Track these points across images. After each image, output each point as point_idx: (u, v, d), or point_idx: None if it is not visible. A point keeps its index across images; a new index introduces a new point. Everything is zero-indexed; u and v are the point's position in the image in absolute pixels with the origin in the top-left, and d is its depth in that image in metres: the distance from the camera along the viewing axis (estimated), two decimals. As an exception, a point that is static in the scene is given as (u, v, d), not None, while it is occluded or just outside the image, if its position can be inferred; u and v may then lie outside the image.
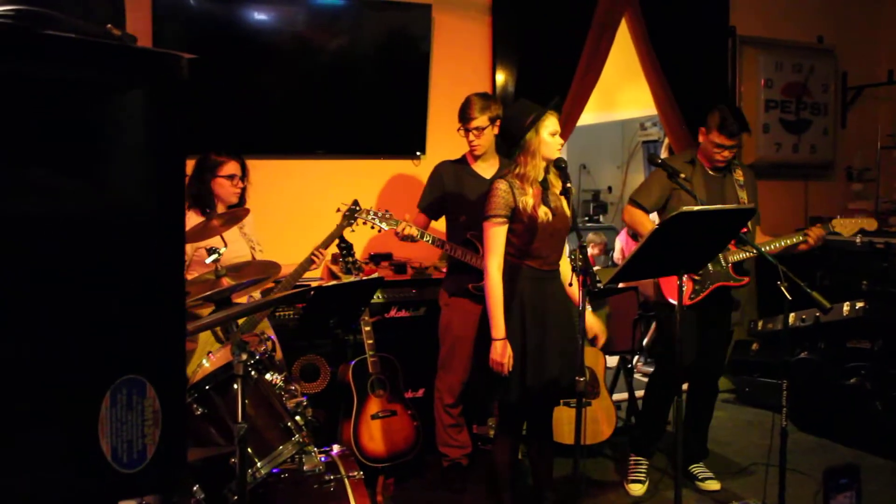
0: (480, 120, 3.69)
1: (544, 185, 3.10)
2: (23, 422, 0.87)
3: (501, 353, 3.05)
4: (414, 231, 3.66)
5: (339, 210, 3.68)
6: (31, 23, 0.86)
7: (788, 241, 3.76)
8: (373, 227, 3.71)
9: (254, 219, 3.61)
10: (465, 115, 3.73)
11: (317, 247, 3.59)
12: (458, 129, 3.79)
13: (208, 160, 3.52)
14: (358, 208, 3.68)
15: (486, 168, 3.85)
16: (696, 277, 3.73)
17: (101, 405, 0.93)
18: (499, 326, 3.07)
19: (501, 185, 3.08)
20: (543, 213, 3.06)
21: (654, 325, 5.13)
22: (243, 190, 3.61)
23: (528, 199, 3.06)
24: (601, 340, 3.37)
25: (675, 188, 3.73)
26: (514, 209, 3.06)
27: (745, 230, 3.50)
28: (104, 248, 0.94)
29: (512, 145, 3.13)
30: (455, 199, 3.84)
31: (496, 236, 3.09)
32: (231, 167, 3.54)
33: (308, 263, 3.58)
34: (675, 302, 3.80)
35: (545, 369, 3.09)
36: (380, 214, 3.66)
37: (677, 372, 3.86)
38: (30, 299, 0.87)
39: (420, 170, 4.62)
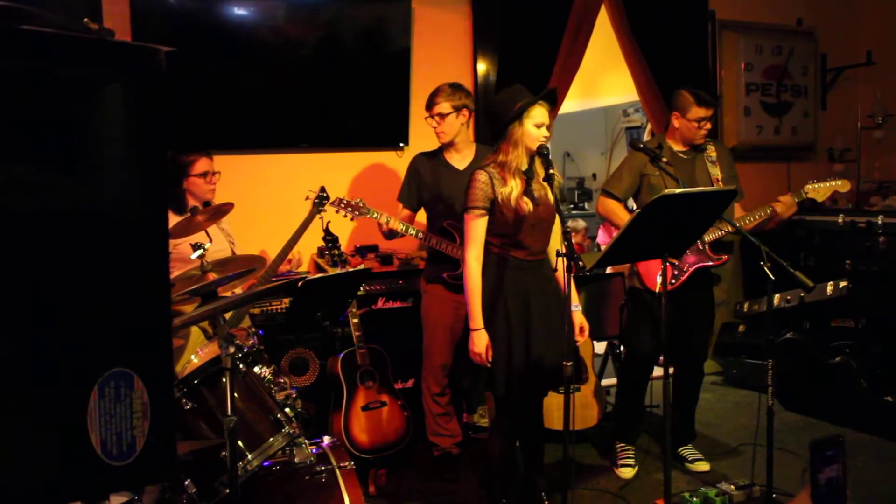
0: (442, 106, 3.69)
1: (528, 174, 3.03)
2: (11, 415, 0.87)
3: (479, 343, 3.02)
4: (398, 226, 3.68)
5: (307, 198, 3.70)
6: (8, 18, 0.86)
7: (758, 216, 3.78)
8: (345, 216, 3.71)
9: (232, 214, 3.57)
10: (429, 101, 3.75)
11: (291, 238, 3.61)
12: (425, 118, 3.80)
13: (177, 160, 3.48)
14: (326, 195, 3.71)
15: (461, 159, 3.87)
16: (675, 262, 3.74)
17: (90, 398, 0.93)
18: (476, 317, 3.03)
19: (481, 177, 3.02)
20: (525, 203, 3.02)
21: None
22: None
23: (508, 190, 3.00)
24: (584, 334, 3.23)
25: (645, 174, 3.76)
26: (494, 200, 3.02)
27: None
28: (89, 242, 0.94)
29: (496, 132, 3.08)
30: (431, 189, 3.86)
31: (475, 228, 3.04)
32: (203, 164, 3.50)
33: (281, 259, 3.59)
34: (655, 289, 3.83)
35: (532, 360, 3.06)
36: (353, 203, 3.67)
37: (645, 357, 3.91)
38: (16, 295, 0.87)
39: (403, 161, 4.60)
